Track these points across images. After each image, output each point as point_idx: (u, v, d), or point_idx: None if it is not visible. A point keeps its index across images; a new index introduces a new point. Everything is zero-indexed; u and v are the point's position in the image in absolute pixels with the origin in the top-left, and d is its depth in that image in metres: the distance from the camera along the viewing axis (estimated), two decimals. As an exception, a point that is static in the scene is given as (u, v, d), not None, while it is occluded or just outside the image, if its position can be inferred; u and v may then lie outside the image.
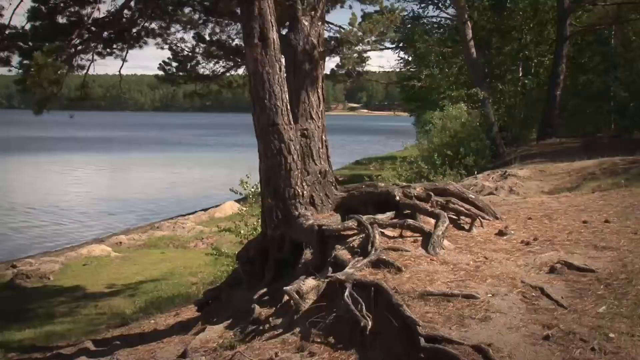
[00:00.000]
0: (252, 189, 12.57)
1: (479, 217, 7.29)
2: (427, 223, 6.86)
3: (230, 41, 11.28)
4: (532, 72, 28.19)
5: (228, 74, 11.81)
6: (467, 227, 7.11)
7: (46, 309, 14.24)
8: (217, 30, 11.28)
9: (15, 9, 9.80)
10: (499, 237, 6.81)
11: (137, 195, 34.83)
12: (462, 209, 7.43)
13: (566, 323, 4.43)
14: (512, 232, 6.96)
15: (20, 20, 9.80)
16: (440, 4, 30.26)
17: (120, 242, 21.75)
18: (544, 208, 8.52)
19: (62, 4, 9.91)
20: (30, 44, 9.70)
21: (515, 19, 27.46)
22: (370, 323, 4.65)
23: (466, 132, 20.19)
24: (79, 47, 10.20)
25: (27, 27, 9.78)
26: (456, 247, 6.39)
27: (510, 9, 27.47)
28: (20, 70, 9.60)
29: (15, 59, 9.89)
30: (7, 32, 9.76)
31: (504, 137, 23.92)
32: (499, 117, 24.96)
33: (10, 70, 10.01)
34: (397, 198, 7.24)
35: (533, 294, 5.05)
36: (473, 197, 7.97)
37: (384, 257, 5.80)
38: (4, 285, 16.64)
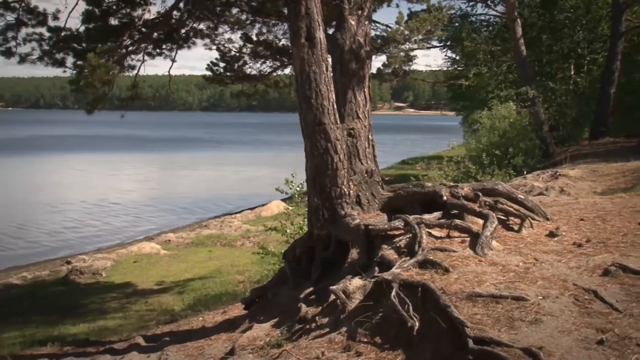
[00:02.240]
0: (298, 188, 12.63)
1: (529, 218, 7.13)
2: (475, 223, 6.75)
3: (277, 41, 11.38)
4: (584, 70, 27.47)
5: (274, 74, 11.91)
6: (516, 228, 6.96)
7: (99, 304, 14.62)
8: (264, 30, 11.41)
9: (70, 12, 10.11)
10: (550, 239, 6.64)
11: (186, 193, 35.46)
12: (511, 209, 7.29)
13: (621, 327, 4.29)
14: (564, 233, 6.78)
15: (75, 22, 10.10)
16: (489, 2, 29.77)
17: (169, 240, 22.15)
18: (596, 209, 8.27)
19: (114, 6, 10.18)
20: (83, 45, 10.00)
21: (567, 15, 26.82)
22: (417, 324, 4.62)
23: (515, 131, 19.84)
24: (130, 48, 10.46)
25: (81, 29, 10.07)
26: (505, 248, 6.28)
27: (561, 6, 26.84)
28: (74, 71, 9.90)
29: (70, 60, 10.22)
30: (62, 34, 10.08)
31: (554, 136, 23.43)
32: (550, 116, 24.43)
33: (65, 71, 10.36)
34: (444, 198, 7.16)
35: (586, 297, 4.91)
36: (522, 197, 7.80)
37: (431, 257, 5.75)
38: (59, 280, 17.19)
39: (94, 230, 25.40)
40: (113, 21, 10.37)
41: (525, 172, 16.11)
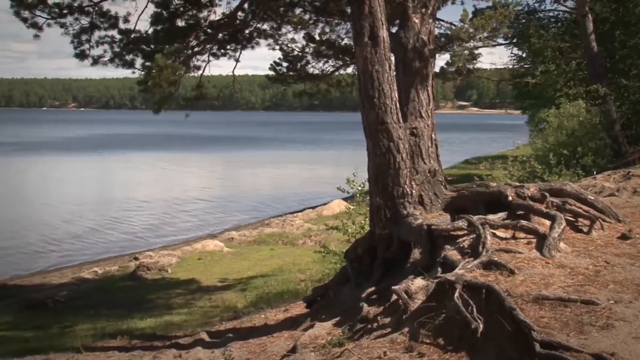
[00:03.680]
0: (359, 188, 12.61)
1: (599, 220, 6.88)
2: (542, 225, 6.57)
3: (340, 40, 11.40)
4: (660, 66, 26.24)
5: (337, 73, 11.94)
6: (585, 229, 6.73)
7: (165, 300, 15.01)
8: (327, 30, 11.46)
9: (140, 15, 10.45)
10: (622, 241, 6.40)
11: (248, 192, 36.01)
12: (580, 210, 7.05)
13: (699, 335, 4.10)
14: (637, 235, 6.51)
15: (144, 25, 10.44)
16: (558, -3, 28.85)
17: (232, 238, 22.52)
18: (672, 211, 7.91)
19: (181, 8, 10.45)
20: (152, 47, 10.31)
21: (642, 9, 25.67)
22: (481, 325, 4.54)
23: (584, 130, 19.19)
24: (196, 49, 10.72)
25: (150, 31, 10.39)
26: (574, 250, 6.08)
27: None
28: (142, 72, 10.22)
29: (139, 62, 10.56)
30: (132, 36, 10.42)
31: (627, 135, 22.48)
32: (622, 115, 23.47)
33: (133, 72, 10.73)
34: (510, 198, 7.00)
35: (661, 302, 4.71)
36: (592, 198, 7.53)
37: (496, 258, 5.64)
38: (127, 276, 17.80)
39: (159, 227, 26.16)
40: (180, 23, 10.66)
41: (595, 172, 15.52)
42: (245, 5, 10.79)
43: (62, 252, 21.86)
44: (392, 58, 7.58)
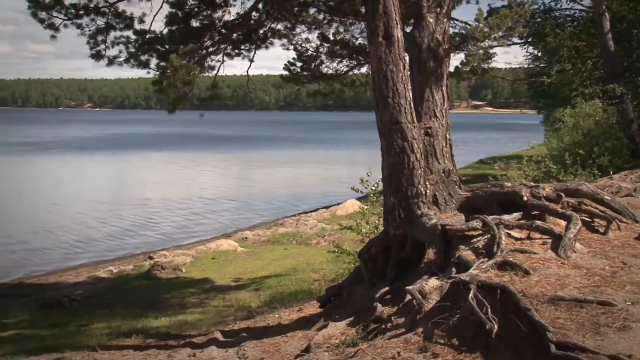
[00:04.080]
0: (373, 188, 12.59)
1: (616, 220, 6.81)
2: (557, 225, 6.52)
3: (354, 40, 11.39)
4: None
5: (351, 73, 11.92)
6: (602, 230, 6.67)
7: (179, 299, 15.09)
8: (341, 29, 11.45)
9: (155, 15, 10.51)
10: (639, 242, 6.33)
11: (262, 192, 36.11)
12: (596, 210, 6.98)
13: None
14: (654, 236, 6.45)
15: (159, 25, 10.50)
16: (574, -4, 28.59)
17: (246, 238, 22.60)
18: (691, 212, 7.82)
19: (196, 9, 10.49)
20: (166, 47, 10.37)
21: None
22: (496, 326, 4.51)
23: (601, 130, 19.00)
24: (210, 49, 10.77)
25: (165, 31, 10.45)
26: (590, 251, 6.03)
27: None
28: (157, 72, 10.27)
29: (154, 62, 10.62)
30: (147, 36, 10.49)
31: (644, 135, 22.23)
32: (639, 114, 23.24)
33: (148, 73, 10.79)
34: (525, 198, 6.95)
35: (679, 304, 4.66)
36: (609, 198, 7.46)
37: (511, 258, 5.60)
38: (142, 275, 17.93)
39: (173, 226, 26.31)
40: (195, 23, 10.71)
41: (611, 172, 15.38)
42: (260, 6, 10.82)
43: (77, 251, 22.08)
44: (407, 58, 7.55)
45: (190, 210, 29.83)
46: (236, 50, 11.51)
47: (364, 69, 11.75)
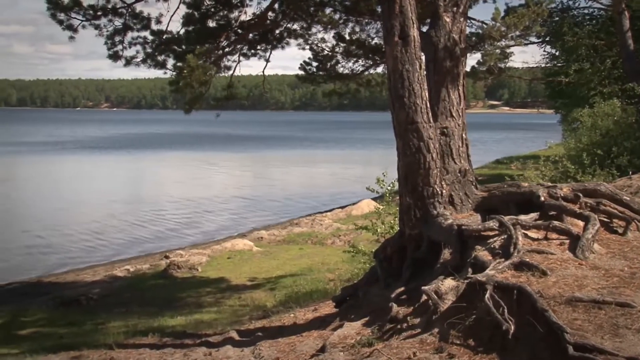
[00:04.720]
0: (389, 187, 12.56)
1: (635, 221, 6.73)
2: (575, 225, 6.46)
3: (370, 40, 11.36)
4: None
5: (367, 73, 11.89)
6: (620, 230, 6.60)
7: (195, 298, 15.16)
8: (357, 29, 11.42)
9: (172, 16, 10.57)
10: (659, 243, 6.26)
11: (278, 191, 36.17)
12: (615, 211, 6.90)
13: None
14: (674, 237, 6.37)
15: (176, 26, 10.56)
16: (593, -6, 28.30)
17: (262, 237, 22.65)
18: None
19: (212, 9, 10.53)
20: (183, 47, 10.42)
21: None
22: (512, 327, 4.49)
23: (620, 129, 18.79)
24: (226, 49, 10.80)
25: (182, 32, 10.50)
26: (608, 252, 5.97)
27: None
28: (174, 73, 10.32)
29: (170, 62, 10.68)
30: (164, 37, 10.55)
31: (665, 134, 21.94)
32: (660, 114, 22.93)
33: (165, 73, 10.84)
34: (542, 198, 6.88)
35: (699, 306, 4.59)
36: (627, 198, 7.37)
37: (527, 259, 5.56)
38: (158, 274, 18.04)
39: (190, 226, 26.44)
40: (211, 23, 10.74)
41: (630, 173, 15.20)
42: (276, 6, 10.82)
43: (94, 250, 22.28)
44: (423, 57, 7.52)
45: (206, 210, 29.97)
46: (252, 51, 11.53)
47: (379, 69, 11.73)
